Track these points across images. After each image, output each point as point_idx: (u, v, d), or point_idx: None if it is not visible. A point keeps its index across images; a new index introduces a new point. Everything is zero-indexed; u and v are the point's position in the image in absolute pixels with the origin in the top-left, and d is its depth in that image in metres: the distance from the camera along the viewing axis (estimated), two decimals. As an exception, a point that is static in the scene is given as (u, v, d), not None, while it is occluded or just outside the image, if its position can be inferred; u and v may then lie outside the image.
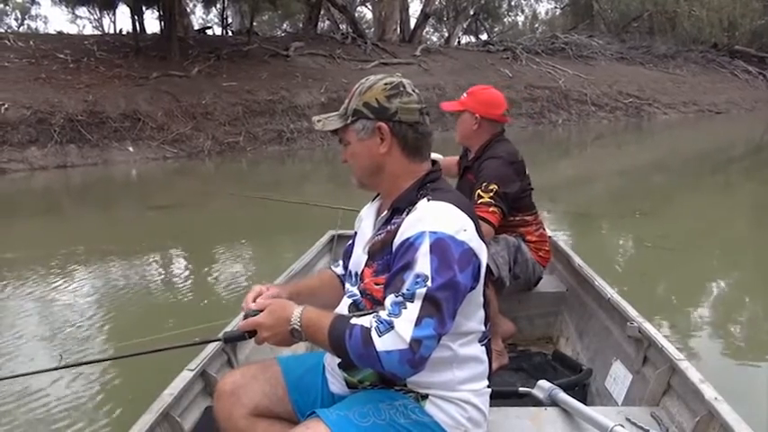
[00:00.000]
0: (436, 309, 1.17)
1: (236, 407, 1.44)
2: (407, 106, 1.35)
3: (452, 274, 1.19)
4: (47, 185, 9.91)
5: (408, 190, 1.36)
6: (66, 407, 2.78)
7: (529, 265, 2.59)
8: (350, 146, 1.40)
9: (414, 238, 1.22)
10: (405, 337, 1.14)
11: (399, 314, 1.16)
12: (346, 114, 1.38)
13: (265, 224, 6.71)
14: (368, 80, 1.40)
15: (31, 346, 3.47)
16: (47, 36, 16.97)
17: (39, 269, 5.02)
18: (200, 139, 12.15)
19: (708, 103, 21.09)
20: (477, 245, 1.28)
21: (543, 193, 2.69)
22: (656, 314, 3.51)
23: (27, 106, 10.91)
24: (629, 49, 23.59)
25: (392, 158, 1.36)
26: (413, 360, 1.15)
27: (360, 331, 1.18)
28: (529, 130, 16.17)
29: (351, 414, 1.27)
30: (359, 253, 1.44)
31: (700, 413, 1.62)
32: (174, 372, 1.82)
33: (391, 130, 1.34)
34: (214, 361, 1.95)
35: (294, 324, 1.27)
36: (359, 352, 1.18)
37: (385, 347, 1.15)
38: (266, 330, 1.30)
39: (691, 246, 5.39)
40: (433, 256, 1.19)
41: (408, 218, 1.28)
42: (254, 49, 15.64)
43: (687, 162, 11.58)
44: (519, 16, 34.86)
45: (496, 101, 2.61)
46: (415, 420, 1.29)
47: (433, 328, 1.16)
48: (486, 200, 2.39)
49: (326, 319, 1.25)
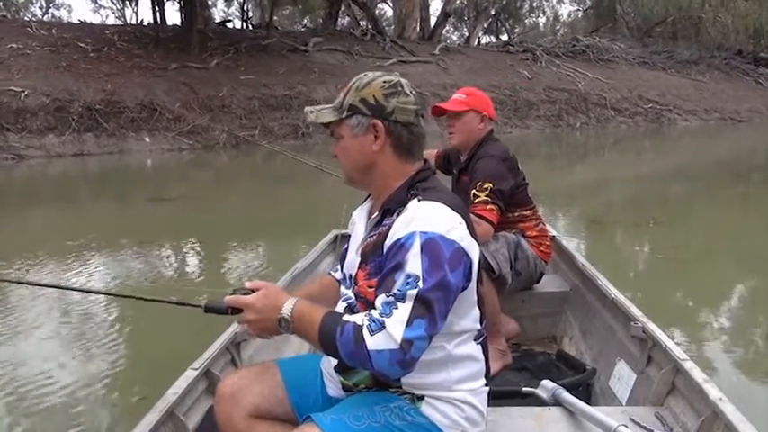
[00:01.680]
0: (427, 309, 1.16)
1: (236, 409, 1.43)
2: (404, 106, 1.33)
3: (443, 274, 1.18)
4: (63, 172, 10.02)
5: (399, 190, 1.34)
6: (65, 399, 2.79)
7: (530, 260, 2.57)
8: (342, 140, 1.38)
9: (405, 239, 1.21)
10: (396, 338, 1.13)
11: (391, 314, 1.15)
12: (341, 108, 1.36)
13: (266, 223, 6.71)
14: (366, 76, 1.37)
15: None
16: (69, 25, 17.18)
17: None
18: (216, 131, 12.22)
19: (730, 111, 20.78)
20: (468, 243, 1.26)
21: (557, 198, 2.70)
22: (661, 316, 3.48)
23: (47, 94, 11.06)
24: (652, 54, 23.34)
25: (384, 157, 1.35)
26: (403, 361, 1.14)
27: (351, 329, 1.17)
28: (546, 132, 16.04)
29: (345, 417, 1.26)
30: (352, 255, 1.44)
31: (704, 413, 1.61)
32: (178, 371, 1.81)
33: (386, 128, 1.33)
34: (218, 360, 1.95)
35: (284, 314, 1.23)
36: (349, 350, 1.17)
37: (376, 347, 1.14)
38: (253, 313, 1.26)
39: (702, 257, 5.31)
40: (424, 256, 1.18)
41: (399, 219, 1.27)
42: (272, 44, 15.70)
43: (706, 171, 11.39)
44: (540, 17, 34.73)
45: (490, 101, 2.69)
46: (411, 422, 1.28)
47: (425, 329, 1.15)
48: (482, 198, 2.39)
49: (318, 314, 1.22)
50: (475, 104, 2.57)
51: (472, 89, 2.72)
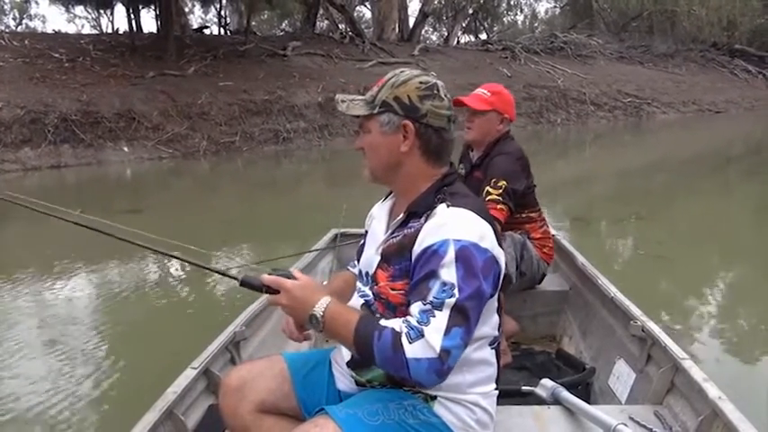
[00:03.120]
0: (464, 318, 1.17)
1: (242, 402, 1.43)
2: (438, 111, 1.33)
3: (478, 283, 1.19)
4: (39, 185, 9.83)
5: (425, 193, 1.34)
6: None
7: (534, 261, 2.59)
8: (369, 135, 1.36)
9: (437, 246, 1.21)
10: (435, 347, 1.13)
11: (429, 322, 1.15)
12: (374, 103, 1.34)
13: (265, 223, 6.65)
14: (403, 73, 1.36)
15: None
16: (43, 35, 16.89)
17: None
18: (196, 138, 12.07)
19: (707, 103, 21.04)
20: (497, 252, 1.28)
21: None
22: (654, 316, 3.45)
23: (21, 106, 10.83)
24: (629, 49, 23.56)
25: (411, 158, 1.34)
26: (440, 370, 1.15)
27: (390, 335, 1.16)
28: (528, 129, 16.08)
29: (360, 412, 1.27)
30: (371, 253, 1.41)
31: (703, 412, 1.62)
32: (178, 370, 1.81)
33: (417, 130, 1.32)
34: (217, 359, 1.95)
35: (317, 311, 1.23)
36: (386, 355, 1.16)
37: (414, 355, 1.14)
38: (289, 300, 1.25)
39: (687, 252, 5.30)
40: (459, 264, 1.18)
41: (428, 224, 1.26)
42: (251, 49, 15.58)
43: (686, 162, 11.51)
44: (518, 15, 34.92)
45: (513, 101, 2.66)
46: (424, 421, 1.29)
47: (461, 338, 1.17)
48: (494, 197, 2.40)
49: (354, 317, 1.22)
50: (498, 105, 2.56)
51: (498, 87, 2.66)
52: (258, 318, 2.29)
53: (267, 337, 2.33)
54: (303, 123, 13.39)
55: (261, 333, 2.31)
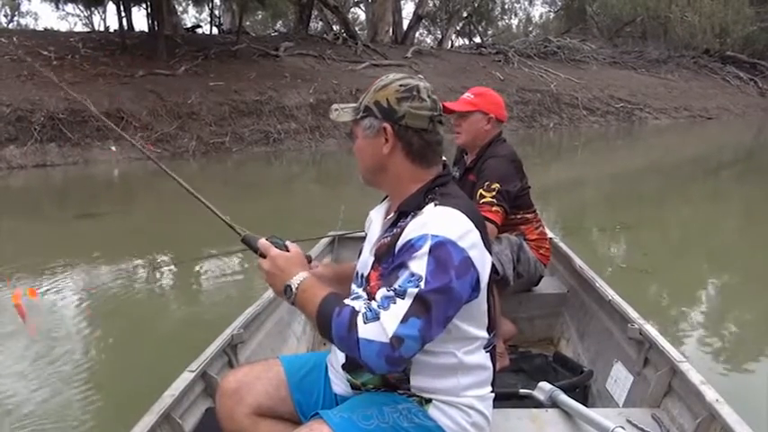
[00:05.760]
0: (425, 310, 1.15)
1: (239, 406, 1.44)
2: (417, 112, 1.33)
3: (448, 279, 1.18)
4: (23, 185, 9.71)
5: (415, 194, 1.35)
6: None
7: (531, 263, 2.58)
8: (357, 140, 1.40)
9: (415, 240, 1.22)
10: (387, 331, 1.13)
11: (388, 308, 1.15)
12: (358, 109, 1.38)
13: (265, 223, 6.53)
14: (387, 77, 1.38)
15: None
16: (32, 32, 16.75)
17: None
18: (186, 138, 11.97)
19: (699, 109, 21.11)
20: (477, 254, 1.25)
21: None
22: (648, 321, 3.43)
23: (7, 104, 10.70)
24: (622, 54, 23.64)
25: (395, 161, 1.35)
26: (391, 357, 1.13)
27: (349, 313, 1.17)
28: (520, 133, 16.07)
29: (354, 416, 1.28)
30: (366, 255, 1.43)
31: (701, 415, 1.62)
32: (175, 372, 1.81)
33: (395, 132, 1.33)
34: (215, 362, 1.95)
35: (292, 282, 1.27)
36: (341, 333, 1.17)
37: (366, 335, 1.14)
38: (270, 266, 1.31)
39: (676, 259, 5.25)
40: (431, 258, 1.18)
41: (413, 221, 1.28)
42: (243, 49, 15.48)
43: (677, 168, 11.52)
44: (513, 19, 35.01)
45: (502, 102, 2.67)
46: (419, 424, 1.30)
47: (418, 330, 1.14)
48: (488, 199, 2.40)
49: (322, 292, 1.24)
50: (482, 105, 2.55)
51: (483, 89, 2.67)
52: (255, 321, 2.29)
53: (264, 340, 2.33)
54: (294, 125, 13.30)
55: (258, 336, 2.31)
